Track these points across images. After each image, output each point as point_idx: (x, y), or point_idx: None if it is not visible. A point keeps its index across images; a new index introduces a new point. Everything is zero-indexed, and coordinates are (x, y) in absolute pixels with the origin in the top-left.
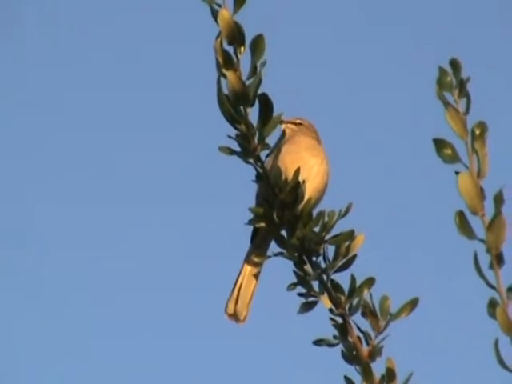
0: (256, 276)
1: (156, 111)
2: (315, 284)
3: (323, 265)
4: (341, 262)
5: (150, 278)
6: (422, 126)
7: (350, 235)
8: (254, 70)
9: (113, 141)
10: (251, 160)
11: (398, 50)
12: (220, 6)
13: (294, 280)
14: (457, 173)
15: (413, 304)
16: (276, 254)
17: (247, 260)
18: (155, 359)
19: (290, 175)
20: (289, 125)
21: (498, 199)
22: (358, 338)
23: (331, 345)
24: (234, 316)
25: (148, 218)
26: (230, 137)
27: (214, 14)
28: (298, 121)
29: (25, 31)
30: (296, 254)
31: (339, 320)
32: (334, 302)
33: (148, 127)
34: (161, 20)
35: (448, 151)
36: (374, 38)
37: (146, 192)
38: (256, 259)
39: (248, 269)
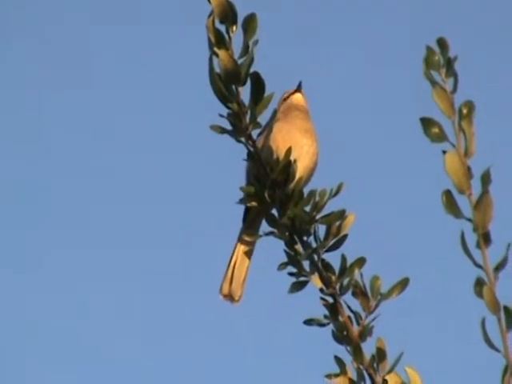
0: (249, 255)
1: (146, 90)
2: (306, 263)
3: (314, 244)
4: (332, 242)
5: (140, 257)
6: (410, 105)
7: (341, 215)
8: (246, 49)
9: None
10: (243, 139)
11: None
12: None
13: (285, 259)
14: (444, 152)
15: (403, 284)
16: (267, 234)
17: (240, 240)
18: (151, 340)
19: (282, 154)
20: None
21: (485, 178)
22: (349, 317)
23: (322, 324)
24: (229, 296)
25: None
26: (221, 115)
27: None
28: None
29: (24, 33)
30: (287, 234)
31: (330, 300)
32: (325, 281)
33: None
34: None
35: (435, 130)
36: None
37: (137, 170)
38: (248, 238)
39: (241, 248)
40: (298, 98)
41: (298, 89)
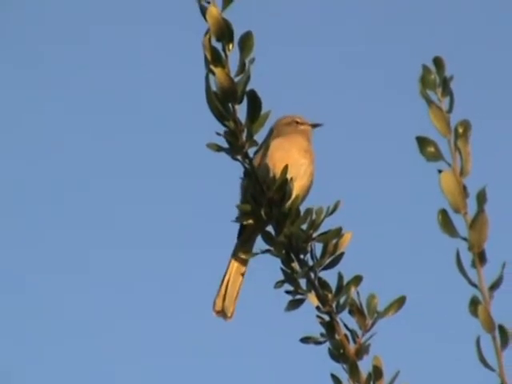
0: (242, 272)
1: (143, 108)
2: (303, 281)
3: (311, 262)
4: (328, 260)
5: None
6: (406, 124)
7: (338, 233)
8: (242, 67)
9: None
10: (239, 157)
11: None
12: (209, 2)
13: (282, 277)
14: (440, 171)
15: (400, 302)
16: (263, 252)
17: (234, 256)
18: (144, 354)
19: (279, 172)
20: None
21: (481, 197)
22: (345, 335)
23: (318, 342)
24: (222, 313)
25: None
26: (218, 133)
27: (203, 11)
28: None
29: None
30: (283, 252)
31: (326, 318)
32: (322, 299)
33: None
34: (149, 18)
35: (431, 149)
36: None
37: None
38: (243, 256)
39: (235, 265)
40: (308, 130)
41: (314, 125)
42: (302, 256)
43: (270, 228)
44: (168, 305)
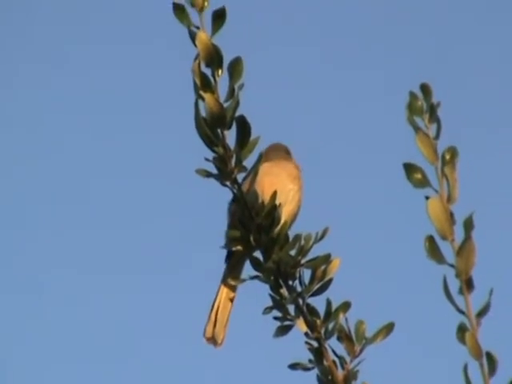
0: (232, 298)
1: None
2: (291, 308)
3: (299, 288)
4: (317, 286)
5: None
6: (393, 151)
7: (326, 259)
8: (231, 93)
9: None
10: (228, 183)
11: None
12: (198, 28)
13: (270, 303)
14: (427, 197)
15: (388, 328)
16: (252, 278)
17: (223, 283)
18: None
19: (267, 198)
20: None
21: (468, 224)
22: (334, 362)
23: (306, 369)
24: (212, 339)
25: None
26: (207, 159)
27: (192, 37)
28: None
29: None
30: (272, 278)
31: (315, 344)
32: (310, 325)
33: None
34: (138, 41)
35: (418, 176)
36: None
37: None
38: (232, 282)
39: (224, 291)
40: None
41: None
42: (290, 282)
43: (258, 254)
44: (158, 331)
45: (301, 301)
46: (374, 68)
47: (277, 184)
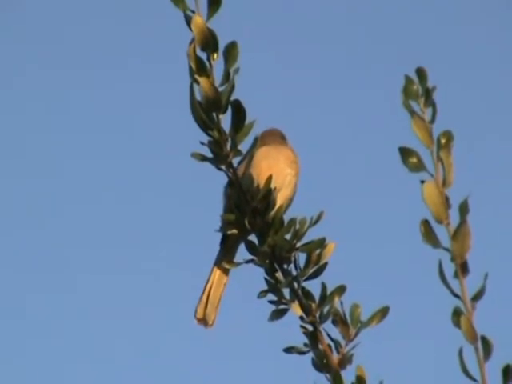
0: (225, 281)
1: (127, 116)
2: (286, 291)
3: (294, 272)
4: (312, 270)
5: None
6: (388, 135)
7: (321, 243)
8: (226, 77)
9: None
10: (223, 166)
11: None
12: (193, 12)
13: (265, 287)
14: (422, 182)
15: (383, 312)
16: (247, 261)
17: (216, 265)
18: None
19: (263, 181)
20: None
21: (463, 208)
22: (329, 345)
23: (301, 352)
24: (203, 320)
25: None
26: (202, 143)
27: (188, 20)
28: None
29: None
30: (267, 261)
31: (310, 328)
32: (305, 309)
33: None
34: (134, 26)
35: (413, 160)
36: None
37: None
38: (226, 266)
39: (217, 273)
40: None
41: None
42: (285, 266)
43: (253, 237)
44: (149, 312)
45: (296, 284)
46: (370, 52)
47: (274, 168)
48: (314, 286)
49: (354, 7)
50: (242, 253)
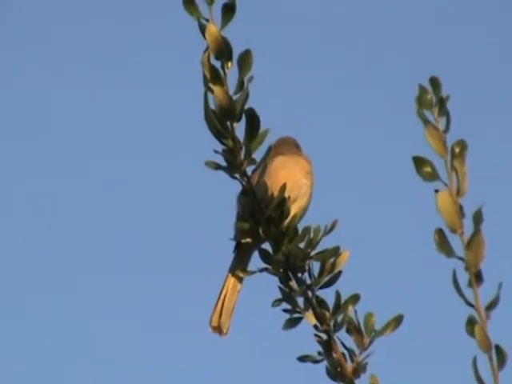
0: (239, 289)
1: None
2: (300, 300)
3: (308, 281)
4: (326, 279)
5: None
6: (403, 145)
7: (336, 251)
8: (241, 85)
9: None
10: (237, 175)
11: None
12: (208, 20)
13: (279, 296)
14: (436, 191)
15: (397, 321)
16: (261, 270)
17: (230, 273)
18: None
19: (277, 190)
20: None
21: (477, 217)
22: (343, 354)
23: (315, 361)
24: (218, 329)
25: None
26: (216, 152)
27: (202, 29)
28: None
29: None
30: (281, 270)
31: (324, 336)
32: (319, 318)
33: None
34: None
35: (427, 169)
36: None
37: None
38: (240, 274)
39: (231, 281)
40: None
41: None
42: (299, 274)
43: (267, 246)
44: (164, 321)
45: (310, 293)
46: (384, 60)
47: (291, 178)
48: (328, 295)
49: (366, 13)
50: (256, 261)
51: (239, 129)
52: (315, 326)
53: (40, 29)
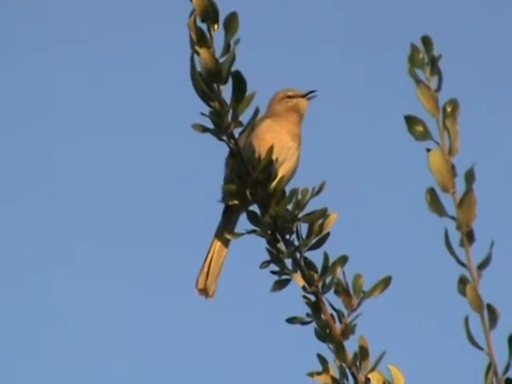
0: (225, 251)
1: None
2: (288, 262)
3: (296, 243)
4: (314, 240)
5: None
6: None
7: (323, 213)
8: (227, 48)
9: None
10: (224, 137)
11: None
12: None
13: (267, 257)
14: (428, 150)
15: (386, 282)
16: (249, 232)
17: (217, 235)
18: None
19: (264, 153)
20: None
21: (469, 176)
22: (331, 316)
23: (304, 323)
24: (204, 291)
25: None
26: (203, 114)
27: None
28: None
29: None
30: (269, 232)
31: (312, 298)
32: (307, 279)
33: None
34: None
35: (419, 128)
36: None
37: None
38: (228, 236)
39: (218, 244)
40: (304, 105)
41: (308, 96)
42: (287, 236)
43: (255, 208)
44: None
45: (298, 255)
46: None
47: (278, 140)
48: (316, 257)
49: None
50: (243, 223)
51: (226, 91)
52: (303, 288)
53: (39, 28)
